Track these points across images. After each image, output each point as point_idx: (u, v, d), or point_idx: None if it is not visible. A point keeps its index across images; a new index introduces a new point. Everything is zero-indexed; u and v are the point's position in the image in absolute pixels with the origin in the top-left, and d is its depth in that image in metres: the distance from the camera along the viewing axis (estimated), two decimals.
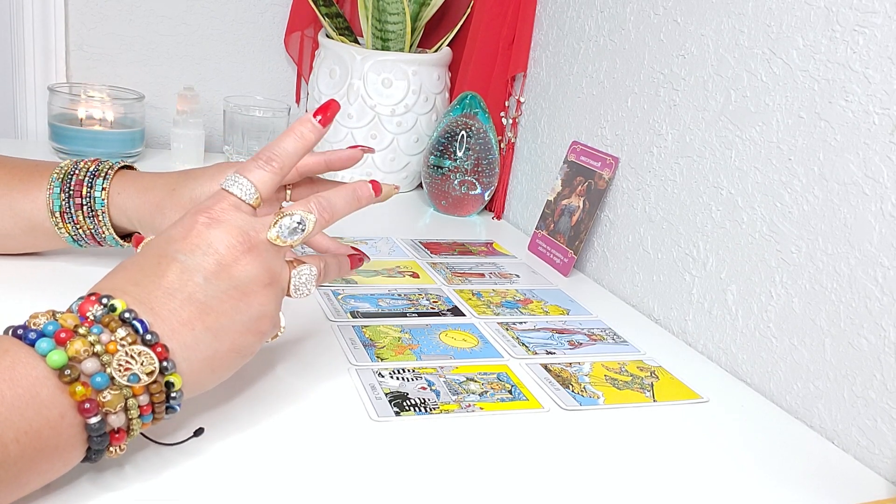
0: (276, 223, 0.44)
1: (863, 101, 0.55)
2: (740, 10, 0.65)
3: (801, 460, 0.53)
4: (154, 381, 0.38)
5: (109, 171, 0.60)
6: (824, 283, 0.57)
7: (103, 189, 0.59)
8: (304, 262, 0.48)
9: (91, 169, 0.60)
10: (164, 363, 0.38)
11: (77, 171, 0.60)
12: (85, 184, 0.59)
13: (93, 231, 0.60)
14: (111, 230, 0.60)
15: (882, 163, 0.53)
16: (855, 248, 0.55)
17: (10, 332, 0.37)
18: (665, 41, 0.73)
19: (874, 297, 0.53)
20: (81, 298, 0.40)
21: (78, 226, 0.60)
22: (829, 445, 0.55)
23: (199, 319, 0.41)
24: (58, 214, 0.59)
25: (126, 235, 0.63)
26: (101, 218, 0.60)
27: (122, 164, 0.62)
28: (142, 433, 0.43)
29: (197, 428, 0.45)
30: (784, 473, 0.51)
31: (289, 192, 0.60)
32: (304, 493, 0.42)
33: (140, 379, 0.37)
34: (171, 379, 0.39)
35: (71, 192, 0.59)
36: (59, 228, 0.60)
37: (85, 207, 0.59)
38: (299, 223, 0.44)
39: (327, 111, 0.48)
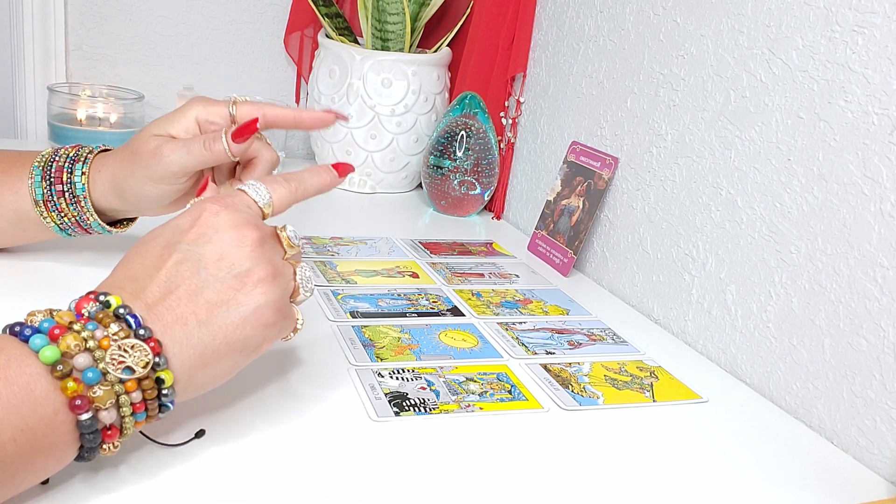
0: (285, 227, 0.46)
1: (862, 102, 0.55)
2: (740, 10, 0.65)
3: (800, 460, 0.53)
4: (146, 377, 0.38)
5: (89, 155, 0.59)
6: (823, 284, 0.57)
7: (83, 174, 0.58)
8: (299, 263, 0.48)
9: (71, 154, 0.59)
10: (157, 359, 0.38)
11: (57, 158, 0.59)
12: (65, 170, 0.58)
13: (77, 218, 0.59)
14: (95, 216, 0.59)
15: (881, 163, 0.53)
16: (854, 248, 0.55)
17: (8, 330, 0.37)
18: (665, 41, 0.73)
19: (873, 298, 0.53)
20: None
21: (62, 214, 0.59)
22: (828, 445, 0.55)
23: (193, 313, 0.40)
24: (41, 203, 0.58)
25: (115, 222, 0.62)
26: (83, 204, 0.59)
27: (103, 147, 0.61)
28: (145, 434, 0.43)
29: (198, 430, 0.45)
30: (783, 473, 0.51)
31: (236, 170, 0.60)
32: (303, 493, 0.42)
33: (135, 371, 0.37)
34: (162, 375, 0.39)
35: (52, 180, 0.58)
36: (45, 218, 0.59)
37: (67, 194, 0.58)
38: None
39: (344, 172, 0.52)
